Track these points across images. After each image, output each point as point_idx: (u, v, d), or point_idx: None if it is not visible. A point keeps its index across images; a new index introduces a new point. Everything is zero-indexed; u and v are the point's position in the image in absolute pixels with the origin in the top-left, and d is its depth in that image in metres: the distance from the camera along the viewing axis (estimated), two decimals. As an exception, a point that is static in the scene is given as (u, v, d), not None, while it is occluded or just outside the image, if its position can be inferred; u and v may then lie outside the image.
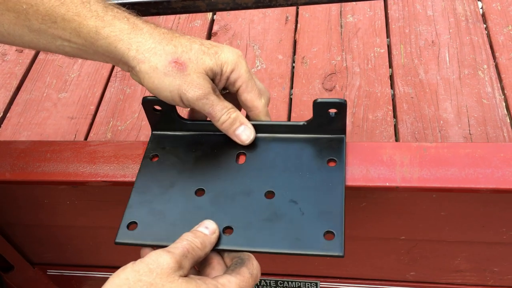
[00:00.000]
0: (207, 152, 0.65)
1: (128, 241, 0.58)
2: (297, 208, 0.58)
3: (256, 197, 0.60)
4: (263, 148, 0.64)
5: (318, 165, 0.61)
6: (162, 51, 0.59)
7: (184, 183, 0.62)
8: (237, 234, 0.57)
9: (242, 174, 0.62)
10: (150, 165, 0.65)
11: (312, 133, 0.64)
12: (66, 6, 0.58)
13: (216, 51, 0.60)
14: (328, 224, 0.55)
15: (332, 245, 0.54)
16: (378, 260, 0.84)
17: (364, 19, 1.34)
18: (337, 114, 0.61)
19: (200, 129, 0.67)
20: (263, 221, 0.57)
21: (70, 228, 0.85)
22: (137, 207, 0.61)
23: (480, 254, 0.78)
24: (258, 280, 0.54)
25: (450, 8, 1.33)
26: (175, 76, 0.58)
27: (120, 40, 0.59)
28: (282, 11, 1.40)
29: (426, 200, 0.67)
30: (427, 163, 0.58)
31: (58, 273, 0.99)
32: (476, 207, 0.67)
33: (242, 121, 0.63)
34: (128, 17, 0.60)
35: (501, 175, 0.56)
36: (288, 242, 0.55)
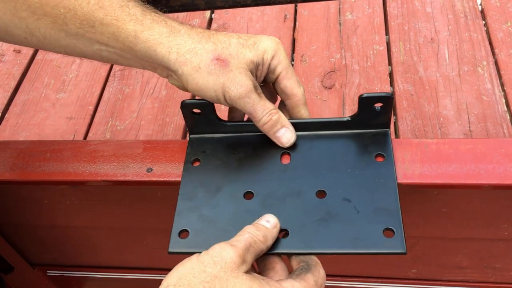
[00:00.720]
0: (250, 154, 0.64)
1: (181, 250, 0.57)
2: (351, 206, 0.56)
3: (307, 197, 0.58)
4: (307, 147, 0.63)
5: (366, 161, 0.60)
6: (202, 50, 0.58)
7: (230, 187, 0.61)
8: (293, 236, 0.55)
9: (289, 174, 0.61)
10: (193, 170, 0.64)
11: (355, 128, 0.63)
12: (104, 10, 0.58)
13: (255, 41, 0.60)
14: (386, 221, 0.54)
15: (393, 242, 0.53)
16: (379, 258, 0.84)
17: (363, 17, 1.34)
18: (383, 108, 0.60)
19: (239, 130, 0.66)
20: (318, 221, 0.56)
21: (70, 228, 0.84)
22: (186, 214, 0.59)
23: (481, 251, 0.78)
24: None
25: (449, 5, 1.33)
26: (219, 73, 0.58)
27: (160, 43, 0.58)
28: (280, 9, 1.39)
29: (427, 197, 0.67)
30: (429, 159, 0.58)
31: (58, 274, 0.99)
32: (477, 203, 0.67)
33: (284, 123, 0.62)
34: (166, 20, 0.60)
35: (503, 170, 0.56)
36: (348, 242, 0.54)
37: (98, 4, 0.57)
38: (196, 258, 0.50)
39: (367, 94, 0.60)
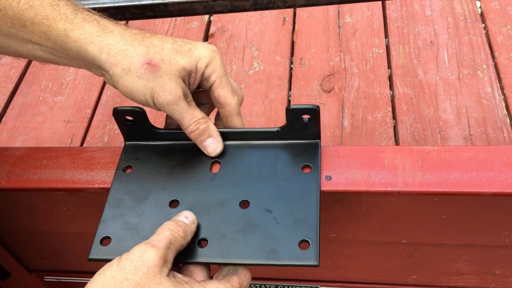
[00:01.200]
0: (181, 162, 0.64)
1: (101, 257, 0.57)
2: (272, 217, 0.57)
3: (231, 207, 0.58)
4: (238, 156, 0.63)
5: (293, 171, 0.60)
6: (134, 52, 0.57)
7: (158, 195, 0.61)
8: (212, 246, 0.55)
9: (216, 184, 0.61)
10: (123, 177, 0.63)
11: (286, 139, 0.63)
12: (34, 9, 0.57)
13: (190, 48, 0.59)
14: (303, 233, 0.54)
15: (307, 254, 0.53)
16: (378, 264, 0.84)
17: (362, 20, 1.33)
18: (311, 120, 0.60)
19: (173, 138, 0.66)
20: (238, 232, 0.56)
21: (67, 234, 0.83)
22: (111, 221, 0.59)
23: (482, 257, 0.78)
24: None
25: (448, 8, 1.33)
26: (148, 78, 0.57)
27: (91, 43, 0.57)
28: (279, 12, 1.39)
29: (427, 204, 0.66)
30: (429, 167, 0.57)
31: (55, 279, 0.98)
32: (478, 210, 0.67)
33: (211, 133, 0.62)
34: (98, 19, 0.59)
35: (504, 178, 0.55)
36: (263, 253, 0.54)
37: (28, 4, 0.57)
38: (117, 264, 0.48)
39: (294, 106, 0.60)
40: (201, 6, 0.78)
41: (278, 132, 0.63)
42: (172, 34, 1.37)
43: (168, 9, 0.79)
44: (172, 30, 1.37)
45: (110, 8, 0.79)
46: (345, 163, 0.61)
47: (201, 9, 0.78)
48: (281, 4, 0.77)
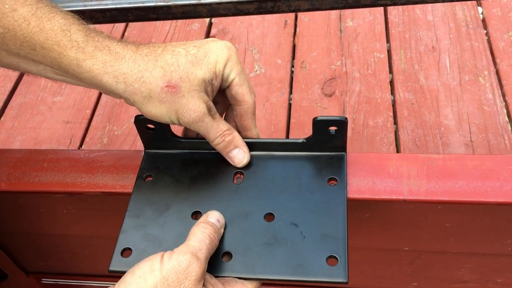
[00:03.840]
0: (203, 172, 0.63)
1: (122, 269, 0.55)
2: (298, 231, 0.56)
3: (255, 220, 0.57)
4: (261, 167, 0.62)
5: (318, 184, 0.59)
6: (151, 78, 0.55)
7: (180, 206, 0.60)
8: (236, 260, 0.54)
9: (239, 195, 0.60)
10: (144, 186, 0.62)
11: (311, 150, 0.62)
12: (45, 33, 0.54)
13: (204, 53, 0.57)
14: (331, 248, 0.53)
15: (335, 270, 0.52)
16: (380, 271, 0.83)
17: (363, 24, 1.33)
18: (338, 131, 0.59)
19: (195, 147, 0.65)
20: (262, 245, 0.55)
21: (66, 236, 0.83)
22: (131, 232, 0.58)
23: (484, 265, 0.77)
24: None
25: (450, 13, 1.32)
26: (171, 101, 0.56)
27: (105, 73, 0.55)
28: (281, 15, 1.38)
29: (431, 212, 0.66)
30: (435, 175, 0.57)
31: (53, 282, 0.97)
32: (482, 219, 0.66)
33: (237, 144, 0.61)
34: (109, 45, 0.56)
35: (510, 188, 0.55)
36: (290, 269, 0.53)
37: (38, 27, 0.54)
38: (159, 271, 0.47)
39: (321, 118, 0.58)
40: (205, 9, 0.77)
41: (303, 143, 0.62)
42: (173, 35, 1.36)
43: (171, 11, 0.78)
44: (173, 32, 1.37)
45: (113, 10, 0.78)
46: (350, 170, 0.60)
47: (205, 12, 0.78)
48: (286, 8, 0.76)
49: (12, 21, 0.54)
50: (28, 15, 0.54)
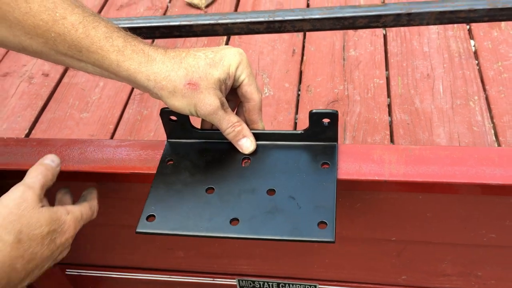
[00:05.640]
0: (216, 157, 0.74)
1: (147, 230, 0.66)
2: (295, 203, 0.66)
3: (259, 194, 0.68)
4: (265, 154, 0.73)
5: (313, 168, 0.70)
6: (176, 76, 0.67)
7: (195, 183, 0.71)
8: (243, 224, 0.65)
9: (246, 176, 0.71)
10: (166, 168, 0.73)
11: (308, 141, 0.73)
12: (91, 39, 0.66)
13: (220, 57, 0.69)
14: (322, 215, 0.63)
15: (325, 232, 0.62)
16: (372, 263, 0.92)
17: (365, 53, 1.45)
18: (330, 123, 0.70)
19: (210, 137, 0.76)
20: (265, 213, 0.65)
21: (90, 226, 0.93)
22: (155, 203, 0.69)
23: (464, 257, 0.86)
24: (95, 216, 0.72)
25: (444, 45, 1.44)
26: (191, 96, 0.67)
27: (139, 72, 0.67)
28: (289, 44, 1.51)
29: (413, 201, 0.75)
30: (412, 162, 0.67)
31: (76, 273, 1.06)
32: (457, 208, 0.76)
33: (245, 134, 0.72)
34: (143, 49, 0.68)
35: (475, 172, 0.64)
36: (288, 231, 0.63)
37: (85, 33, 0.66)
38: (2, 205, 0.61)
39: (316, 110, 0.70)
40: (222, 28, 0.90)
41: (301, 134, 0.73)
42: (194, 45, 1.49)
43: (192, 30, 0.90)
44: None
45: (143, 28, 0.91)
46: (340, 157, 0.70)
47: (221, 31, 0.90)
48: (291, 28, 0.88)
49: (63, 27, 0.66)
50: (76, 22, 0.66)
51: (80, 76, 1.52)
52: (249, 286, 1.01)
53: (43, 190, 0.65)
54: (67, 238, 0.66)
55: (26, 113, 1.43)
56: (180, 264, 1.01)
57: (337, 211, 0.66)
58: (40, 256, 0.63)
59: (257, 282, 1.00)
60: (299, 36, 1.54)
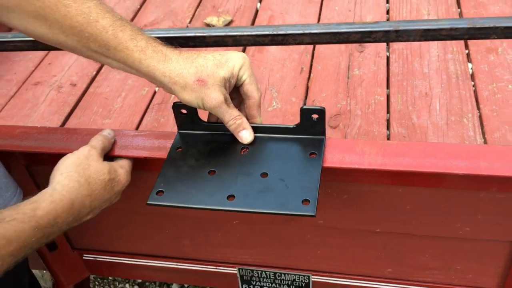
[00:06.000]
0: (219, 146, 0.86)
1: (156, 202, 0.77)
2: (284, 184, 0.76)
3: (254, 177, 0.79)
4: (262, 144, 0.84)
5: (302, 156, 0.80)
6: (187, 73, 0.79)
7: (200, 167, 0.82)
8: (238, 200, 0.76)
9: (244, 162, 0.82)
10: (175, 154, 0.85)
11: (299, 134, 0.83)
12: (118, 39, 0.79)
13: (226, 59, 0.81)
14: (306, 194, 0.74)
15: (307, 208, 0.72)
16: (360, 256, 1.00)
17: (368, 73, 1.56)
18: (318, 119, 0.80)
19: (214, 129, 0.88)
20: (258, 192, 0.76)
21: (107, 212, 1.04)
22: (164, 181, 0.81)
23: (443, 250, 0.94)
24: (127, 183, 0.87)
25: (443, 67, 1.54)
26: (199, 91, 0.79)
27: (158, 69, 0.80)
28: (298, 63, 1.63)
29: (393, 194, 0.85)
30: (389, 154, 0.76)
31: (92, 257, 1.17)
32: (433, 202, 0.85)
33: (245, 126, 0.83)
34: (162, 49, 0.81)
35: (443, 164, 0.74)
36: (276, 206, 0.74)
37: (114, 35, 0.78)
38: (73, 155, 0.82)
39: (306, 106, 0.81)
40: (231, 39, 1.01)
41: (293, 128, 0.84)
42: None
43: (205, 40, 1.02)
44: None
45: (162, 38, 1.03)
46: (327, 149, 0.80)
47: (230, 42, 1.01)
48: (292, 41, 0.99)
49: (95, 29, 0.78)
50: (107, 25, 0.78)
51: (105, 87, 1.65)
52: (248, 275, 1.10)
53: (103, 151, 0.85)
54: (121, 187, 0.85)
55: (54, 118, 1.56)
56: (187, 253, 1.11)
57: (326, 202, 0.76)
58: (102, 198, 0.81)
59: (256, 271, 1.09)
60: (307, 56, 1.66)
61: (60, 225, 0.77)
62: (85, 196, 0.78)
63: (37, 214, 0.73)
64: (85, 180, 0.78)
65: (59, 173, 0.79)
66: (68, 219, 0.77)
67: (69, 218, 0.78)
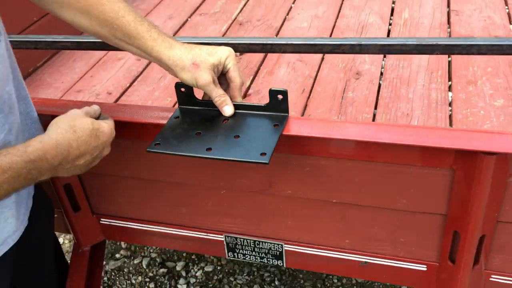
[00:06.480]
0: (207, 117, 1.10)
1: (154, 150, 1.02)
2: (251, 143, 1.01)
3: (229, 138, 1.03)
4: (239, 117, 1.08)
5: (268, 126, 1.04)
6: (186, 58, 1.05)
7: (190, 130, 1.07)
8: (214, 151, 1.00)
9: (224, 128, 1.07)
10: (173, 121, 1.10)
11: (269, 111, 1.07)
12: (137, 31, 1.06)
13: (216, 51, 1.07)
14: (265, 149, 0.97)
15: (264, 158, 0.95)
16: (322, 226, 1.20)
17: (360, 96, 1.79)
18: (283, 99, 1.04)
19: (205, 105, 1.12)
20: (230, 147, 1.01)
21: (122, 178, 1.28)
22: (161, 137, 1.05)
23: (387, 221, 1.13)
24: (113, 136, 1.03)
25: (426, 94, 1.76)
26: (194, 72, 1.05)
27: (164, 54, 1.06)
28: (301, 85, 1.88)
29: (345, 168, 1.06)
30: (333, 127, 0.99)
31: (108, 222, 1.40)
32: (374, 175, 1.06)
33: (227, 102, 1.08)
34: (169, 40, 1.07)
35: (373, 135, 0.96)
36: (241, 155, 0.98)
37: (134, 27, 1.05)
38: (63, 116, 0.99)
39: (273, 88, 1.06)
40: (230, 47, 1.28)
41: (264, 106, 1.08)
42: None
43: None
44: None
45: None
46: (289, 123, 1.04)
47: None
48: (278, 50, 1.25)
49: (122, 22, 1.06)
50: (130, 20, 1.06)
51: (135, 96, 1.93)
52: (233, 242, 1.31)
53: (86, 114, 1.02)
54: (107, 137, 1.01)
55: (90, 118, 1.84)
56: (183, 220, 1.33)
57: (293, 174, 0.99)
58: (89, 144, 0.97)
59: (239, 239, 1.30)
60: (310, 79, 1.91)
61: (50, 161, 0.91)
62: (71, 140, 0.93)
63: (27, 150, 0.88)
64: (71, 127, 0.95)
65: (49, 127, 0.96)
66: (58, 157, 0.92)
67: (58, 156, 0.92)
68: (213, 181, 1.22)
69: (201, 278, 2.19)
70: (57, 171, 0.95)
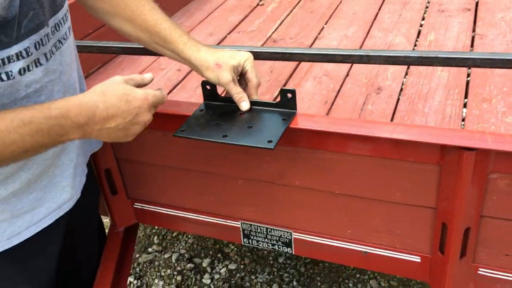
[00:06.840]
0: (227, 111, 1.27)
1: (179, 135, 1.20)
2: (261, 132, 1.17)
3: (243, 127, 1.20)
4: (254, 112, 1.25)
5: (278, 120, 1.20)
6: (210, 60, 1.23)
7: (212, 121, 1.25)
8: (229, 138, 1.17)
9: (240, 120, 1.24)
10: (198, 113, 1.28)
11: (280, 108, 1.24)
12: (171, 37, 1.24)
13: (237, 54, 1.24)
14: (272, 138, 1.13)
15: (270, 144, 1.11)
16: (327, 216, 1.34)
17: (379, 108, 1.92)
18: (291, 97, 1.20)
19: (226, 101, 1.30)
20: (243, 135, 1.18)
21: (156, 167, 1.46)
22: (187, 125, 1.23)
23: (385, 213, 1.25)
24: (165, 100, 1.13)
25: (441, 109, 1.88)
26: (217, 72, 1.22)
27: (193, 56, 1.24)
28: (324, 97, 2.02)
29: (346, 161, 1.20)
30: (336, 123, 1.13)
31: (140, 207, 1.58)
32: (374, 170, 1.19)
33: (244, 99, 1.25)
34: (197, 45, 1.25)
35: (369, 130, 1.10)
36: (253, 142, 1.14)
37: (169, 33, 1.23)
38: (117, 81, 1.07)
39: (283, 88, 1.22)
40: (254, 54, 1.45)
41: (276, 103, 1.24)
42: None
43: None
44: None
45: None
46: (297, 118, 1.19)
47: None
48: (296, 58, 1.41)
49: (159, 29, 1.25)
50: (166, 27, 1.25)
51: (173, 101, 2.13)
52: (248, 229, 1.46)
53: (127, 82, 1.09)
54: (139, 103, 1.05)
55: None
56: (206, 207, 1.50)
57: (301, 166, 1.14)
58: (119, 108, 1.02)
59: (253, 225, 1.45)
60: (333, 93, 2.05)
61: (74, 119, 0.94)
62: (98, 101, 0.96)
63: (51, 106, 0.92)
64: (102, 91, 0.99)
65: None
66: (81, 115, 0.95)
67: (82, 114, 0.95)
68: (231, 171, 1.39)
69: (225, 275, 2.35)
70: (86, 132, 0.99)
